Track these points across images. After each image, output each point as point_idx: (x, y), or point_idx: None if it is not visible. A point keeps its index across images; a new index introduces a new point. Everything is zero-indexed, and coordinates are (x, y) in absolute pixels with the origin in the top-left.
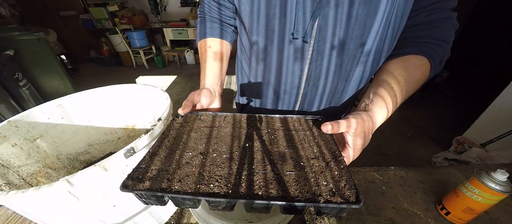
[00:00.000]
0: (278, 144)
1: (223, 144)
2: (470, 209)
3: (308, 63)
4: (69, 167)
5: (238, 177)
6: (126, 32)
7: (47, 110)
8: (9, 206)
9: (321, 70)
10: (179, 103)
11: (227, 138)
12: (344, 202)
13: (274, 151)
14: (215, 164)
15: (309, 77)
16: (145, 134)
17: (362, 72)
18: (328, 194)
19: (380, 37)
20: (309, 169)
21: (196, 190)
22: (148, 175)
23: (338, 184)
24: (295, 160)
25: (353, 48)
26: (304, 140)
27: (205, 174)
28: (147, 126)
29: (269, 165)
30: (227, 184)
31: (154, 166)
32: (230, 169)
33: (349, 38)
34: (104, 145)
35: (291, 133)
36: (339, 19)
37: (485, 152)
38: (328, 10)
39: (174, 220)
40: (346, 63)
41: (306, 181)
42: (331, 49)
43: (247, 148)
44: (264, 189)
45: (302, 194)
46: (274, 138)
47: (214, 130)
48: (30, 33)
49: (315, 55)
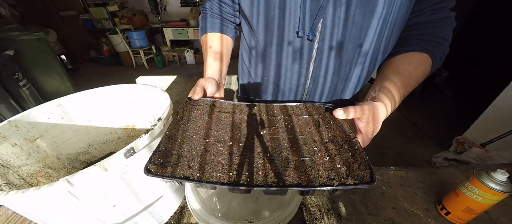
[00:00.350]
0: (293, 130)
1: (238, 131)
2: (470, 209)
3: (313, 62)
4: (69, 167)
5: (256, 163)
6: (126, 32)
7: (47, 110)
8: (9, 206)
9: (326, 68)
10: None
11: (242, 124)
12: (358, 183)
13: (289, 138)
14: (232, 150)
15: (314, 75)
16: (145, 134)
17: (361, 71)
18: (343, 175)
19: (377, 38)
20: (324, 152)
21: (217, 177)
22: (169, 160)
23: (352, 165)
24: (310, 145)
25: (351, 48)
26: (317, 125)
27: (224, 161)
28: (147, 126)
29: (284, 151)
30: (248, 170)
31: (174, 150)
32: (250, 153)
33: (347, 38)
34: (104, 145)
35: (304, 118)
36: (342, 18)
37: (485, 152)
38: (331, 9)
39: (174, 220)
40: (344, 63)
41: (321, 164)
42: (333, 48)
43: (262, 135)
44: (282, 175)
45: (318, 177)
46: (288, 125)
47: (229, 116)
48: (30, 33)
49: (319, 53)
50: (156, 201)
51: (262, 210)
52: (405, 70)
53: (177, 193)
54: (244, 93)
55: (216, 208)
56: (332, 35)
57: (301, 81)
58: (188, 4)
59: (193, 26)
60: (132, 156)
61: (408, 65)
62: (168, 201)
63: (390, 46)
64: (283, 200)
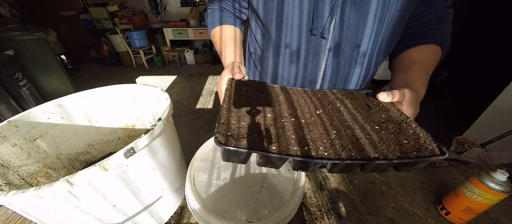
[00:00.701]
0: (348, 111)
1: (295, 109)
2: (470, 209)
3: (325, 59)
4: (69, 167)
5: (326, 138)
6: (126, 32)
7: (47, 110)
8: (9, 206)
9: (338, 65)
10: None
11: (296, 103)
12: (430, 155)
13: (346, 117)
14: (299, 125)
15: (325, 72)
16: (145, 134)
17: (360, 72)
18: (413, 150)
19: (374, 39)
20: (386, 130)
21: (294, 151)
22: (237, 133)
23: (417, 140)
24: (370, 124)
25: (348, 49)
26: (368, 107)
27: (293, 135)
28: (147, 126)
29: (348, 129)
30: (322, 145)
31: (236, 123)
32: (317, 129)
33: (344, 38)
34: (104, 145)
35: (352, 101)
36: (354, 17)
37: (485, 152)
38: (345, 8)
39: (174, 220)
40: (343, 64)
41: (390, 140)
42: (341, 46)
43: (319, 114)
44: (357, 150)
45: (392, 151)
46: (340, 105)
47: (280, 95)
48: (30, 33)
49: (331, 50)
50: (156, 201)
51: (262, 210)
52: (423, 59)
53: (177, 193)
54: None
55: (216, 208)
56: (347, 32)
57: (312, 78)
58: (188, 4)
59: (193, 26)
60: (132, 156)
61: (424, 55)
62: (168, 201)
63: (388, 46)
64: (283, 200)
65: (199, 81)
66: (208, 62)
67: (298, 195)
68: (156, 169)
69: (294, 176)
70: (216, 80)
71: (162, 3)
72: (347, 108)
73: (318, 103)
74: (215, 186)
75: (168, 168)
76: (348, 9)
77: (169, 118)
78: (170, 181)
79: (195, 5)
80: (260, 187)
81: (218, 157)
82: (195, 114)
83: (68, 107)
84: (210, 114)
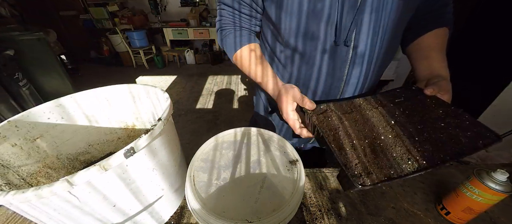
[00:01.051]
0: (412, 114)
1: (374, 126)
2: (470, 209)
3: (347, 66)
4: (69, 167)
5: (415, 148)
6: (126, 32)
7: (47, 110)
8: (9, 206)
9: (360, 70)
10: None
11: (370, 120)
12: (491, 141)
13: (415, 121)
14: (393, 142)
15: (348, 77)
16: (145, 134)
17: (371, 74)
18: (476, 140)
19: (372, 41)
20: (449, 127)
21: (409, 166)
22: (364, 168)
23: (476, 130)
24: (437, 123)
25: (368, 54)
26: (424, 106)
27: (396, 153)
28: (147, 126)
29: (424, 133)
30: (420, 154)
31: (354, 158)
32: (403, 142)
33: (364, 45)
34: (104, 145)
35: (404, 104)
36: (378, 25)
37: (485, 152)
38: (364, 16)
39: (174, 220)
40: (362, 68)
41: (459, 134)
42: (365, 52)
43: (393, 125)
44: (440, 151)
45: (463, 145)
46: (404, 110)
47: (355, 115)
48: (30, 33)
49: (354, 57)
50: (156, 201)
51: (262, 210)
52: (438, 43)
53: (177, 193)
54: (267, 99)
55: (216, 208)
56: (364, 40)
57: (335, 84)
58: (188, 4)
59: (193, 26)
60: (132, 156)
61: (438, 38)
62: (168, 201)
63: (393, 45)
64: (283, 200)
65: (199, 81)
66: (208, 62)
67: (298, 195)
68: (156, 169)
69: (294, 176)
70: (216, 80)
71: (162, 3)
72: (409, 111)
73: (386, 113)
74: (215, 186)
75: (168, 168)
76: (367, 17)
77: (169, 118)
78: (170, 181)
79: (195, 5)
80: (260, 187)
81: (218, 157)
82: (195, 114)
83: (68, 107)
84: (210, 114)
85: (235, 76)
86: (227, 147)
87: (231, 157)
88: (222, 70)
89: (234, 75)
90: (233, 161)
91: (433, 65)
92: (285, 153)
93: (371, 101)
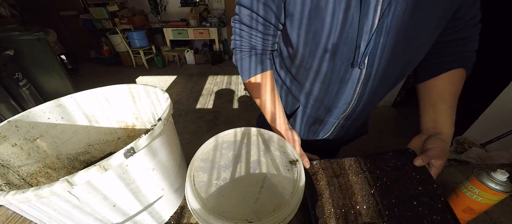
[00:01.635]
0: (394, 188)
1: (353, 194)
2: (470, 209)
3: (360, 85)
4: (69, 167)
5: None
6: (126, 32)
7: (47, 110)
8: (9, 206)
9: (371, 89)
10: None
11: (356, 186)
12: None
13: (393, 195)
14: (359, 216)
15: (359, 95)
16: (145, 134)
17: (385, 93)
18: None
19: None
20: (419, 208)
21: None
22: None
23: (443, 216)
24: (410, 200)
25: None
26: (405, 180)
27: (374, 213)
28: (147, 126)
29: (395, 208)
30: None
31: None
32: (372, 218)
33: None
34: (104, 145)
35: (391, 173)
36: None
37: (485, 152)
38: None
39: (174, 220)
40: (371, 89)
41: (418, 219)
42: (377, 72)
43: (370, 196)
44: None
45: None
46: (389, 181)
47: (340, 182)
48: (30, 33)
49: (366, 76)
50: (156, 201)
51: (262, 210)
52: (450, 93)
53: (177, 193)
54: None
55: (216, 208)
56: (377, 62)
57: (347, 100)
58: (188, 4)
59: (193, 26)
60: (132, 156)
61: (451, 86)
62: (168, 201)
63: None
64: (283, 200)
65: (199, 81)
66: (208, 62)
67: (298, 195)
68: (156, 169)
69: (294, 176)
70: (216, 80)
71: (162, 3)
72: (391, 182)
73: (369, 181)
74: (215, 186)
75: (168, 168)
76: (383, 39)
77: (169, 118)
78: (170, 181)
79: (195, 5)
80: (260, 187)
81: (218, 157)
82: (195, 114)
83: (68, 107)
84: (210, 114)
85: (235, 76)
86: (227, 147)
87: (231, 157)
88: (222, 70)
89: (234, 75)
90: (233, 161)
91: (438, 119)
92: (285, 153)
93: (361, 163)
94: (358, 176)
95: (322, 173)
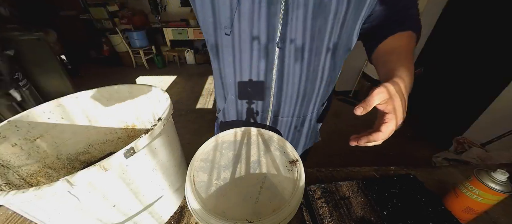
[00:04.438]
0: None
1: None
2: (470, 209)
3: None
4: (69, 167)
5: None
6: (126, 32)
7: (47, 110)
8: (9, 206)
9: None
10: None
11: (357, 213)
12: None
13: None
14: None
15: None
16: (145, 134)
17: None
18: None
19: None
20: None
21: None
22: None
23: None
24: None
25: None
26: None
27: None
28: (147, 126)
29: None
30: None
31: None
32: None
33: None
34: (104, 145)
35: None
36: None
37: (485, 152)
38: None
39: (174, 220)
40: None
41: None
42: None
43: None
44: None
45: None
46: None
47: (346, 203)
48: (30, 33)
49: (281, 57)
50: (156, 201)
51: (262, 210)
52: (398, 46)
53: (177, 193)
54: None
55: (216, 208)
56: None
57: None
58: (188, 4)
59: (193, 26)
60: (132, 156)
61: (398, 41)
62: (168, 201)
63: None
64: (283, 200)
65: (199, 81)
66: (208, 62)
67: (298, 195)
68: (156, 169)
69: (294, 176)
70: None
71: (162, 3)
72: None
73: (374, 204)
74: (215, 186)
75: (168, 168)
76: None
77: (169, 118)
78: (170, 181)
79: None
80: (260, 187)
81: (218, 157)
82: (195, 114)
83: (68, 107)
84: (210, 114)
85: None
86: (227, 147)
87: (231, 157)
88: None
89: None
90: (233, 161)
91: (390, 70)
92: (285, 153)
93: (369, 185)
94: (363, 198)
95: (331, 195)
